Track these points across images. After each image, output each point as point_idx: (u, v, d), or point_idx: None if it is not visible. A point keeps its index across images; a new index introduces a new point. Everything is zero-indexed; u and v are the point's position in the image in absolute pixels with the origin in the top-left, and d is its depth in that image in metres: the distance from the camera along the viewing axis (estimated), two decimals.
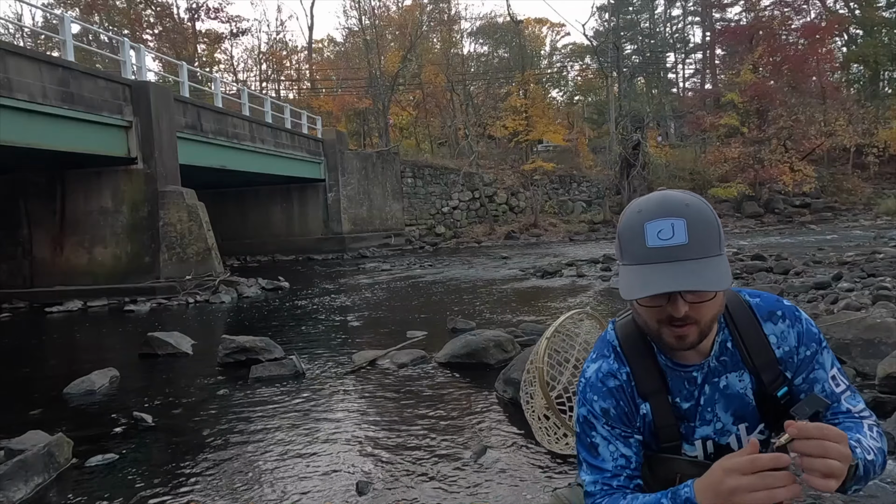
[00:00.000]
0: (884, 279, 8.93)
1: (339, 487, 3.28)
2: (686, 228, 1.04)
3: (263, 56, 42.54)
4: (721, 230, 1.09)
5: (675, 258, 1.03)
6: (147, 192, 13.46)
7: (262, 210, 25.42)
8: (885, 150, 31.56)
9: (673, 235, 1.04)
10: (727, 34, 39.76)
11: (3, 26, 35.17)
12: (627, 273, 1.08)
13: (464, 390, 5.13)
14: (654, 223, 1.05)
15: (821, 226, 26.49)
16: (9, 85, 10.30)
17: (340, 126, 34.20)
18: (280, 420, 4.50)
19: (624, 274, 1.10)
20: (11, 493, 3.24)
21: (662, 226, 1.05)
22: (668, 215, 1.05)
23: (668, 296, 1.06)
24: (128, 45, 14.69)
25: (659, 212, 1.06)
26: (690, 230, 1.04)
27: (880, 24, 39.18)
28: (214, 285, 12.71)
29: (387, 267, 17.97)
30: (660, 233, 1.05)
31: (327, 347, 7.18)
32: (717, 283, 1.03)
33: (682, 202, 1.07)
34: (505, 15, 45.61)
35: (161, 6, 37.08)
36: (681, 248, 1.03)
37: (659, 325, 1.11)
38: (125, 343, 8.42)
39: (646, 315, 1.12)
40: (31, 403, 5.21)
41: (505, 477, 3.33)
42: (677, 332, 1.09)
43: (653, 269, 1.04)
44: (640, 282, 1.05)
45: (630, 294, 1.06)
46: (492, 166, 32.46)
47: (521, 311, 9.00)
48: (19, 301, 12.69)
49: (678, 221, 1.04)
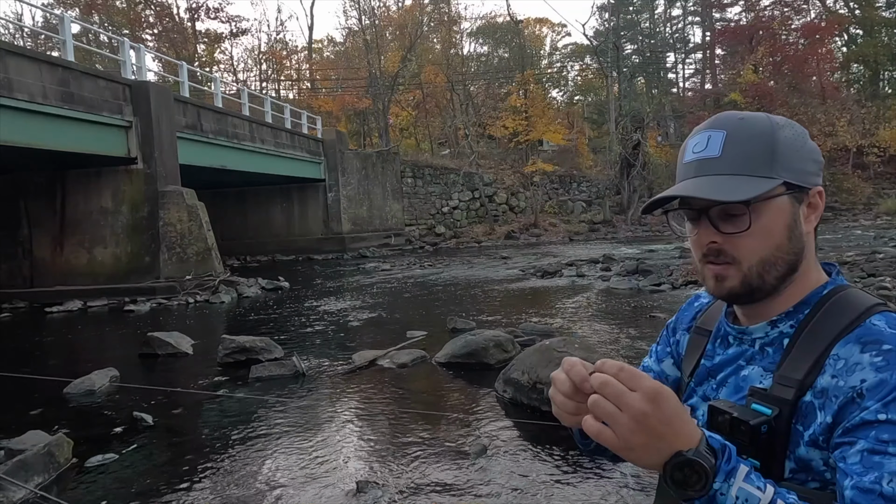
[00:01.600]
0: (884, 279, 8.93)
1: (340, 487, 3.28)
2: (723, 141, 0.87)
3: (263, 56, 42.59)
4: (781, 151, 0.87)
5: (702, 172, 0.87)
6: (147, 192, 13.47)
7: (262, 210, 25.43)
8: (886, 150, 31.59)
9: (706, 148, 0.88)
10: (727, 34, 39.79)
11: (3, 26, 35.22)
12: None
13: (464, 390, 5.13)
14: (695, 137, 0.91)
15: (821, 226, 25.93)
16: (9, 85, 10.30)
17: (340, 126, 34.21)
18: (280, 420, 4.50)
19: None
20: (11, 492, 3.24)
21: (700, 138, 0.90)
22: (711, 127, 0.90)
23: (699, 221, 0.89)
24: (128, 45, 14.69)
25: (705, 125, 0.92)
26: (727, 143, 0.87)
27: (880, 24, 39.20)
28: (214, 285, 12.71)
29: (387, 267, 17.97)
30: (695, 146, 0.90)
31: (327, 347, 7.18)
32: (723, 192, 0.83)
33: (736, 115, 0.90)
34: (505, 15, 45.65)
35: (161, 6, 37.10)
36: (709, 162, 0.87)
37: (702, 262, 0.93)
38: (125, 343, 8.42)
39: (692, 248, 0.96)
40: (31, 403, 5.21)
41: (505, 477, 3.33)
42: (714, 270, 0.90)
43: (675, 186, 0.90)
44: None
45: (642, 211, 0.94)
46: (492, 166, 32.47)
47: (521, 311, 9.00)
48: (19, 301, 12.69)
49: (717, 133, 0.88)
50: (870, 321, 0.83)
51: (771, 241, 0.87)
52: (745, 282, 0.88)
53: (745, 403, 0.87)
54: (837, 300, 0.88)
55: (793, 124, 0.90)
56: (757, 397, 0.87)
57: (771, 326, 0.92)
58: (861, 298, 0.88)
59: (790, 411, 0.83)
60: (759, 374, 0.91)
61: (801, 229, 0.90)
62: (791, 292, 0.91)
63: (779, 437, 0.83)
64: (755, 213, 0.86)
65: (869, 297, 0.88)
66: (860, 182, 32.30)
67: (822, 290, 0.91)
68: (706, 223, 0.88)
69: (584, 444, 1.00)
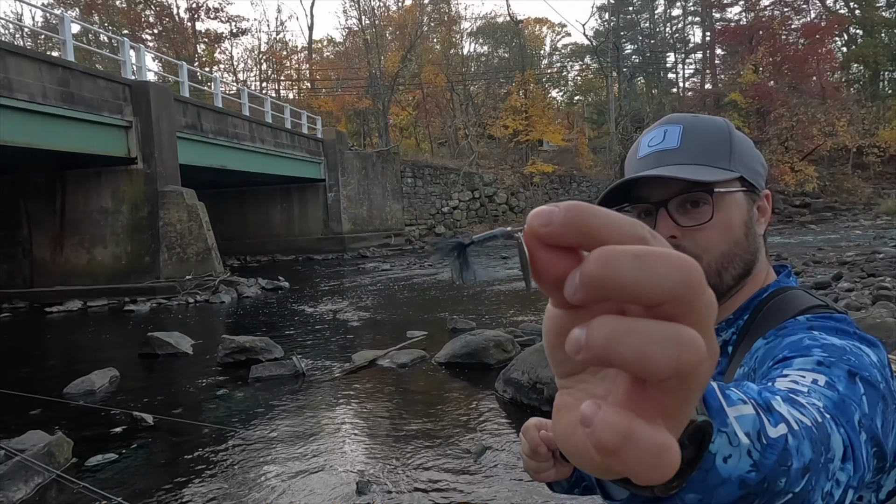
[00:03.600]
0: (884, 279, 8.93)
1: (340, 487, 3.28)
2: (680, 133, 0.84)
3: (263, 56, 42.58)
4: (736, 148, 0.84)
5: (661, 163, 0.83)
6: (147, 192, 13.46)
7: (262, 210, 25.42)
8: (886, 150, 31.60)
9: (663, 140, 0.85)
10: (727, 34, 39.77)
11: (3, 26, 35.22)
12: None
13: (464, 390, 5.13)
14: (650, 133, 0.88)
15: (821, 226, 26.48)
16: (9, 85, 10.30)
17: (340, 126, 34.20)
18: (280, 420, 4.49)
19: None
20: (11, 493, 3.24)
21: (655, 133, 0.87)
22: (667, 123, 0.87)
23: (655, 216, 0.84)
24: (128, 45, 14.68)
25: (658, 122, 0.89)
26: (685, 135, 0.84)
27: (880, 24, 39.20)
28: (214, 285, 12.70)
29: (387, 267, 17.97)
30: (651, 140, 0.87)
31: (327, 347, 7.18)
32: (689, 175, 0.79)
33: (689, 114, 0.89)
34: (505, 15, 45.65)
35: (161, 6, 37.09)
36: (667, 153, 0.83)
37: None
38: (125, 343, 8.41)
39: None
40: (31, 403, 5.21)
41: (505, 477, 3.33)
42: None
43: (635, 175, 0.85)
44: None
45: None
46: (492, 166, 32.46)
47: (521, 311, 9.00)
48: (19, 301, 12.69)
49: (673, 127, 0.85)
50: (796, 318, 0.77)
51: (731, 236, 0.83)
52: (706, 275, 0.82)
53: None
54: (776, 303, 0.83)
55: (738, 129, 0.88)
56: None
57: (728, 328, 0.87)
58: (799, 300, 0.82)
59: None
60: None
61: (756, 229, 0.86)
62: (737, 297, 0.87)
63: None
64: (717, 204, 0.81)
65: (809, 299, 0.82)
66: (860, 182, 32.31)
67: (763, 294, 0.86)
68: (664, 217, 0.83)
69: (570, 487, 0.91)
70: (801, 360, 0.64)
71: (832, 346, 0.66)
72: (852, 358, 0.63)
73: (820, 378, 0.59)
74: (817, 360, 0.63)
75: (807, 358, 0.64)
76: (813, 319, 0.75)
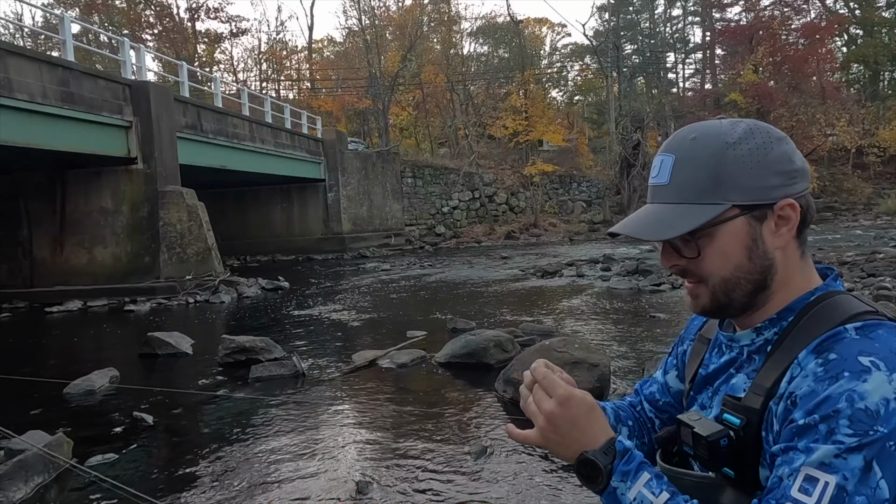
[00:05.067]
0: (884, 279, 8.94)
1: (340, 487, 3.28)
2: (671, 167, 0.87)
3: (263, 56, 42.57)
4: (731, 173, 0.83)
5: (654, 199, 0.89)
6: (147, 192, 13.46)
7: (261, 210, 25.41)
8: (886, 150, 31.60)
9: (658, 174, 0.89)
10: (727, 34, 39.78)
11: (3, 26, 35.22)
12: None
13: (464, 390, 5.13)
14: (656, 159, 0.91)
15: (821, 226, 26.47)
16: (9, 85, 10.30)
17: (340, 126, 34.21)
18: (280, 420, 4.50)
19: None
20: (11, 493, 3.24)
21: (656, 162, 0.90)
22: (666, 150, 0.89)
23: (663, 243, 0.91)
24: (128, 45, 14.68)
25: (663, 147, 0.91)
26: (675, 169, 0.86)
27: (880, 24, 39.21)
28: (214, 285, 12.70)
29: (387, 267, 17.97)
30: (653, 170, 0.91)
31: (327, 347, 7.18)
32: (663, 226, 0.84)
33: (689, 134, 0.88)
34: (505, 15, 45.68)
35: (161, 6, 37.10)
36: (659, 189, 0.88)
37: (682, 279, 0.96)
38: (125, 343, 8.42)
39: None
40: (31, 403, 5.21)
41: (505, 477, 3.33)
42: (688, 288, 0.92)
43: (624, 221, 0.94)
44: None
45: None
46: (492, 166, 32.46)
47: (521, 311, 9.00)
48: (19, 301, 12.68)
49: (668, 158, 0.88)
50: (844, 327, 0.79)
51: (728, 263, 0.86)
52: (714, 300, 0.89)
53: (719, 413, 0.88)
54: (824, 307, 0.85)
55: (755, 134, 0.85)
56: (728, 407, 0.87)
57: (756, 334, 0.90)
58: (848, 304, 0.84)
59: (759, 419, 0.82)
60: (743, 381, 0.90)
61: (765, 248, 0.86)
62: (775, 301, 0.89)
63: (750, 446, 0.82)
64: (703, 241, 0.85)
65: (858, 304, 0.83)
66: (860, 182, 32.32)
67: (810, 297, 0.88)
68: (667, 249, 0.90)
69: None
70: (822, 451, 0.72)
71: (864, 413, 0.71)
72: (881, 428, 0.70)
73: (830, 482, 0.71)
74: (834, 453, 0.71)
75: (826, 449, 0.72)
76: (862, 336, 0.78)
